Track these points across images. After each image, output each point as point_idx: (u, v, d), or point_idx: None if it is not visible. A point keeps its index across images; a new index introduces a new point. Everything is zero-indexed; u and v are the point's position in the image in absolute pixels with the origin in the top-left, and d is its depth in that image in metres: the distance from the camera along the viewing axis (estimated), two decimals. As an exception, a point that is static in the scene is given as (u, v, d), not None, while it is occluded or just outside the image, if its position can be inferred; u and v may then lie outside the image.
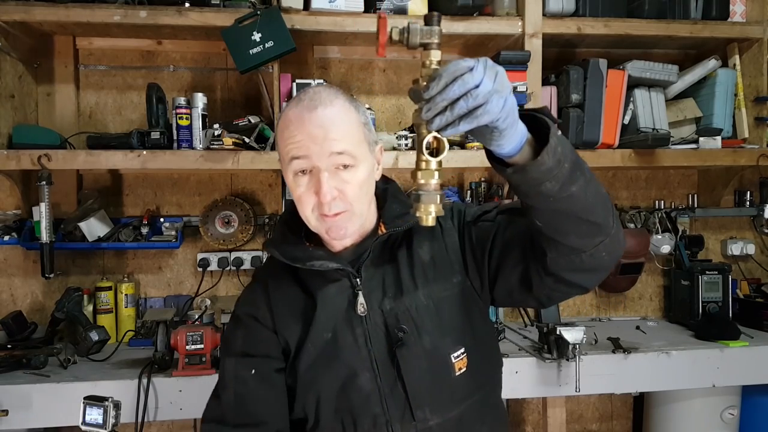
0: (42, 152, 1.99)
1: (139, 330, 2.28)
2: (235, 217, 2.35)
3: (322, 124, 1.00)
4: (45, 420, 1.82)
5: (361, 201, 1.05)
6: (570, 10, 2.23)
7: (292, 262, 1.08)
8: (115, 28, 2.12)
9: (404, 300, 1.08)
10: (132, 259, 2.40)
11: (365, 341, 1.07)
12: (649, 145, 2.23)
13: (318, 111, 1.01)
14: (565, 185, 0.85)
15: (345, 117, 1.04)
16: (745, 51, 2.43)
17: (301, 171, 1.02)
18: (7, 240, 2.21)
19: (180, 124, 2.09)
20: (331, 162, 1.01)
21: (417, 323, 1.07)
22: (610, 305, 2.70)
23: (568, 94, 2.21)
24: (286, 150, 1.03)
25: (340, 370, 1.06)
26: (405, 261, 1.11)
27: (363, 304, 1.07)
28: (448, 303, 1.10)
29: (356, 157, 1.03)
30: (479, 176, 2.57)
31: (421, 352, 1.06)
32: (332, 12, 2.09)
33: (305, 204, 1.04)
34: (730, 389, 2.29)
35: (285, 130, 1.04)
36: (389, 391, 1.06)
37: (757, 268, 2.76)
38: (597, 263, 0.96)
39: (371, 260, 1.09)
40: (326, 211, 1.01)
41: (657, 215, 2.61)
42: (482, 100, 0.76)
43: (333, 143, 1.00)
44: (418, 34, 0.85)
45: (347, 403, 1.06)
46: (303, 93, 1.06)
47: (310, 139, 1.00)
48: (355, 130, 1.04)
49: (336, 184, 1.01)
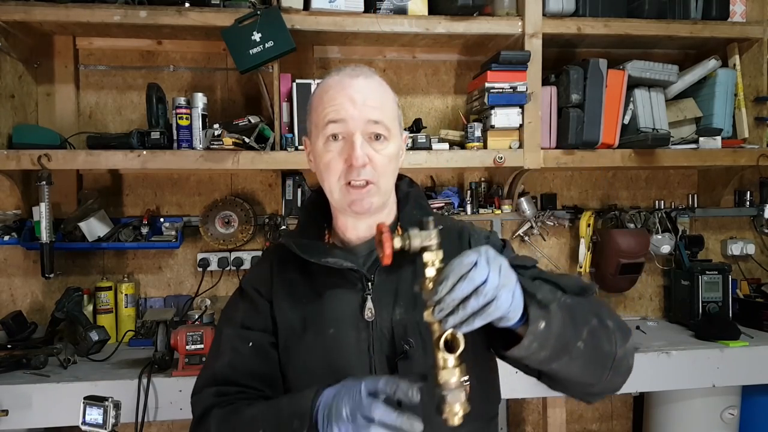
0: (42, 152, 1.99)
1: (139, 330, 2.28)
2: (235, 217, 2.35)
3: (362, 90, 1.02)
4: (45, 420, 1.82)
5: (388, 177, 1.05)
6: (570, 10, 2.23)
7: (307, 257, 1.05)
8: (115, 28, 2.11)
9: (416, 314, 1.01)
10: (132, 259, 2.40)
11: (368, 347, 1.04)
12: (649, 145, 2.24)
13: (360, 79, 1.04)
14: (543, 363, 0.89)
15: (384, 91, 1.06)
16: (745, 51, 2.43)
17: (334, 135, 1.02)
18: (7, 240, 2.21)
19: (180, 124, 2.09)
20: (366, 129, 1.01)
21: (425, 339, 1.02)
22: (610, 305, 2.70)
23: (568, 94, 2.21)
24: (323, 114, 1.03)
25: (338, 370, 1.02)
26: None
27: (371, 309, 1.04)
28: None
29: (390, 131, 1.04)
30: (479, 176, 2.57)
31: (424, 369, 0.99)
32: (332, 12, 2.09)
33: (333, 171, 1.02)
34: (730, 389, 2.29)
35: (324, 94, 1.04)
36: None
37: (757, 268, 2.76)
38: (605, 389, 1.00)
39: (386, 266, 1.04)
40: (354, 177, 1.00)
41: (657, 215, 2.61)
42: (491, 296, 0.79)
43: (371, 111, 1.01)
44: (418, 240, 0.87)
45: None
46: (342, 66, 1.08)
47: (350, 101, 1.01)
48: (391, 105, 1.07)
49: (367, 151, 1.01)
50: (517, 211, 2.48)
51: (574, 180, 2.67)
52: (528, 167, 2.22)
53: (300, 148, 2.12)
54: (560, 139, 2.27)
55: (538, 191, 2.62)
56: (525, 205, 2.47)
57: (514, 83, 2.17)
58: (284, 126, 2.15)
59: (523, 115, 2.20)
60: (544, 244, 2.62)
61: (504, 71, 2.17)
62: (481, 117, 2.31)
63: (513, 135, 2.23)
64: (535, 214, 2.52)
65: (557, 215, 2.59)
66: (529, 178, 2.52)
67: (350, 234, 1.10)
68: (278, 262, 1.12)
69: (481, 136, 2.24)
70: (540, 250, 2.61)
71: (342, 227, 1.10)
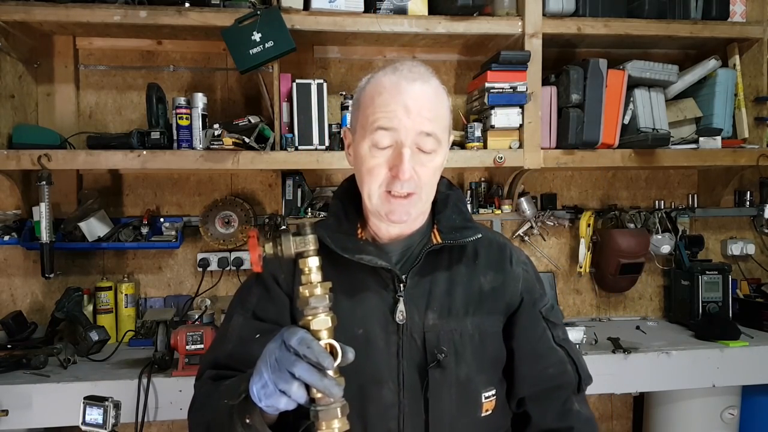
0: (42, 152, 1.99)
1: (139, 330, 2.28)
2: (235, 217, 2.35)
3: (418, 98, 0.96)
4: (45, 420, 1.82)
5: (431, 189, 1.02)
6: (570, 10, 2.23)
7: (342, 252, 1.00)
8: (115, 28, 2.11)
9: (450, 322, 1.02)
10: (132, 259, 2.40)
11: (397, 351, 1.00)
12: (649, 145, 2.23)
13: (417, 84, 0.97)
14: None
15: (440, 99, 1.00)
16: (745, 51, 2.43)
17: (378, 144, 0.97)
18: (7, 240, 2.21)
19: (180, 124, 2.09)
20: (417, 141, 0.96)
21: (458, 350, 1.01)
22: (610, 305, 2.70)
23: (568, 94, 2.21)
24: (373, 117, 0.97)
25: (364, 372, 0.98)
26: (463, 281, 1.06)
27: (402, 312, 1.00)
28: (492, 340, 1.06)
29: (440, 143, 0.99)
30: (479, 176, 2.57)
31: (455, 380, 1.01)
32: (332, 12, 2.09)
33: (375, 177, 0.98)
34: (730, 389, 2.29)
35: (377, 96, 0.97)
36: (410, 410, 0.99)
37: (757, 268, 2.76)
38: None
39: (420, 268, 1.03)
40: (398, 188, 0.96)
41: (657, 215, 2.61)
42: None
43: (425, 122, 0.96)
44: (292, 246, 0.83)
45: (362, 409, 0.98)
46: (399, 63, 1.00)
47: (405, 110, 0.95)
48: (445, 114, 1.01)
49: (414, 164, 0.96)
50: (517, 211, 2.48)
51: (574, 180, 2.67)
52: (528, 167, 2.22)
53: (300, 148, 2.13)
54: (560, 139, 2.27)
55: (538, 191, 2.62)
56: (525, 205, 2.47)
57: (514, 83, 2.17)
58: (284, 126, 2.15)
59: (523, 115, 2.20)
60: (544, 244, 2.62)
61: (504, 71, 2.17)
62: (481, 117, 2.31)
63: (513, 135, 2.23)
64: (535, 214, 2.52)
65: (557, 215, 2.59)
66: (529, 178, 2.52)
67: (382, 234, 1.06)
68: None
69: (481, 136, 2.24)
70: (540, 250, 2.61)
71: (374, 227, 1.07)
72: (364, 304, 1.02)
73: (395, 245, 1.06)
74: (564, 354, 1.11)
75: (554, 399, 1.10)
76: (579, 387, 1.13)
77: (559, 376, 1.10)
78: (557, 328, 1.12)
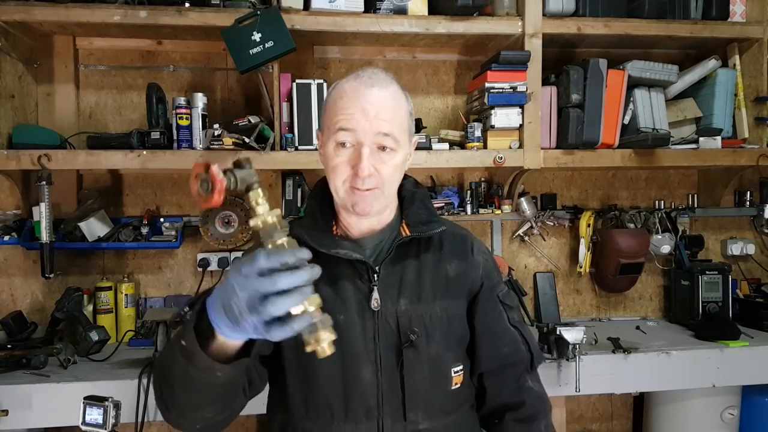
0: (42, 152, 1.99)
1: (139, 330, 2.28)
2: (235, 217, 2.35)
3: (375, 102, 1.05)
4: (45, 420, 1.82)
5: (392, 184, 1.11)
6: (570, 10, 2.23)
7: (319, 248, 1.08)
8: (115, 28, 2.11)
9: (421, 306, 1.12)
10: (132, 259, 2.40)
11: (374, 335, 1.10)
12: (649, 145, 2.23)
13: (375, 90, 1.07)
14: None
15: (397, 102, 1.10)
16: (745, 51, 2.43)
17: (343, 143, 1.06)
18: (7, 240, 2.21)
19: (180, 124, 2.09)
20: (375, 141, 1.06)
21: (428, 330, 1.11)
22: (610, 305, 2.70)
23: (568, 94, 2.21)
24: (335, 120, 1.07)
25: (345, 355, 1.07)
26: (430, 269, 1.16)
27: (377, 300, 1.10)
28: (458, 321, 1.17)
29: (398, 142, 1.08)
30: (479, 176, 2.57)
31: (426, 358, 1.11)
32: (332, 12, 2.09)
33: (339, 174, 1.07)
34: (730, 389, 2.29)
35: (339, 100, 1.08)
36: (387, 387, 1.09)
37: (757, 268, 2.76)
38: None
39: (391, 259, 1.12)
40: (359, 185, 1.05)
41: (657, 215, 2.61)
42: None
43: (382, 123, 1.05)
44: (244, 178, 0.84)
45: (343, 389, 1.08)
46: (361, 71, 1.11)
47: (363, 113, 1.05)
48: (402, 117, 1.10)
49: (374, 162, 1.06)
50: (517, 211, 2.48)
51: (574, 180, 2.67)
52: (528, 167, 2.22)
53: (300, 148, 2.13)
54: (560, 139, 2.27)
55: (538, 191, 2.62)
56: (525, 205, 2.47)
57: (514, 83, 2.17)
58: (284, 126, 2.15)
59: (523, 115, 2.20)
60: (544, 244, 2.62)
61: (504, 71, 2.17)
62: (481, 117, 2.31)
63: (513, 135, 2.23)
64: (535, 214, 2.52)
65: (557, 215, 2.59)
66: (529, 178, 2.52)
67: (353, 229, 1.15)
68: None
69: (481, 136, 2.24)
70: (540, 250, 2.61)
71: (345, 223, 1.16)
72: (343, 294, 1.11)
73: (368, 240, 1.15)
74: (518, 334, 1.23)
75: (509, 375, 1.22)
76: (532, 364, 1.25)
77: (513, 353, 1.22)
78: (512, 311, 1.24)
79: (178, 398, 0.95)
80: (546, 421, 1.24)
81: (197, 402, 0.95)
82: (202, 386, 0.92)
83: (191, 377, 0.90)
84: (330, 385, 1.08)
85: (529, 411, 1.22)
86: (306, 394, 1.10)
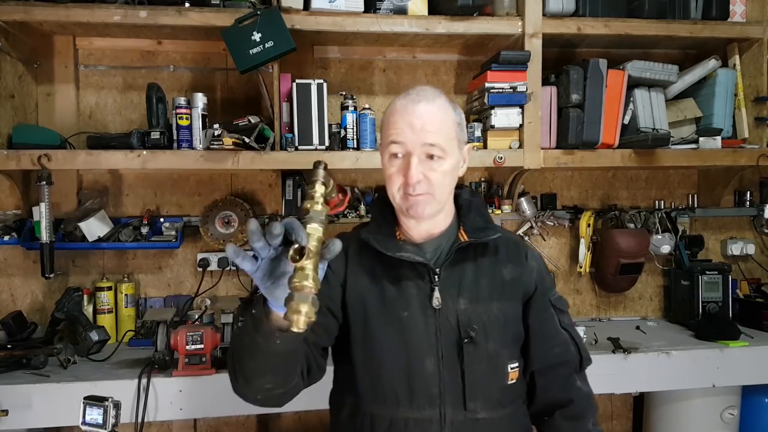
0: (42, 152, 1.99)
1: (139, 330, 2.28)
2: (235, 217, 2.35)
3: (421, 116, 1.16)
4: (45, 420, 1.82)
5: (443, 189, 1.19)
6: (570, 10, 2.23)
7: (385, 251, 1.20)
8: (115, 28, 2.12)
9: (479, 306, 1.21)
10: (132, 259, 2.40)
11: (435, 330, 1.19)
12: (649, 145, 2.24)
13: (420, 105, 1.18)
14: None
15: (442, 114, 1.19)
16: (745, 51, 2.43)
17: (395, 155, 1.18)
18: (7, 240, 2.21)
19: (180, 124, 2.09)
20: (422, 151, 1.16)
21: (487, 329, 1.20)
22: (610, 305, 2.70)
23: (568, 94, 2.21)
24: (388, 134, 1.19)
25: (409, 347, 1.18)
26: (487, 271, 1.25)
27: (438, 298, 1.20)
28: (513, 321, 1.26)
29: (445, 151, 1.17)
30: (479, 176, 2.57)
31: (485, 353, 1.20)
32: (332, 12, 2.09)
33: (394, 182, 1.19)
34: (730, 389, 2.29)
35: (390, 117, 1.20)
36: (449, 378, 1.18)
37: (757, 268, 2.76)
38: None
39: (450, 262, 1.22)
40: (411, 191, 1.16)
41: (657, 215, 2.61)
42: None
43: (428, 135, 1.15)
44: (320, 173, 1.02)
45: (408, 378, 1.18)
46: (412, 89, 1.23)
47: (410, 127, 1.16)
48: (448, 127, 1.19)
49: (423, 170, 1.16)
50: (517, 211, 2.48)
51: (574, 180, 2.67)
52: (528, 167, 2.22)
53: (300, 148, 2.13)
54: (560, 139, 2.27)
55: (538, 191, 2.62)
56: (525, 205, 2.47)
57: (514, 83, 2.17)
58: (284, 126, 2.15)
59: (523, 115, 2.20)
60: (544, 244, 2.62)
61: (504, 71, 2.17)
62: (481, 117, 2.31)
63: (513, 135, 2.23)
64: (535, 214, 2.52)
65: (557, 215, 2.59)
66: (529, 178, 2.52)
67: (413, 233, 1.25)
68: (356, 251, 1.26)
69: (481, 136, 2.24)
70: (540, 250, 2.61)
71: (405, 227, 1.26)
72: (406, 293, 1.21)
73: (428, 244, 1.25)
74: (568, 336, 1.30)
75: (559, 374, 1.30)
76: (581, 365, 1.32)
77: (563, 354, 1.29)
78: (563, 314, 1.32)
79: (245, 366, 1.05)
80: (593, 419, 1.31)
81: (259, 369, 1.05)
82: (265, 353, 1.00)
83: (256, 344, 0.99)
84: (396, 374, 1.18)
85: (577, 409, 1.30)
86: (374, 381, 1.20)
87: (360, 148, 2.19)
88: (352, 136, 2.19)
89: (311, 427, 2.53)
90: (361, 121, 2.19)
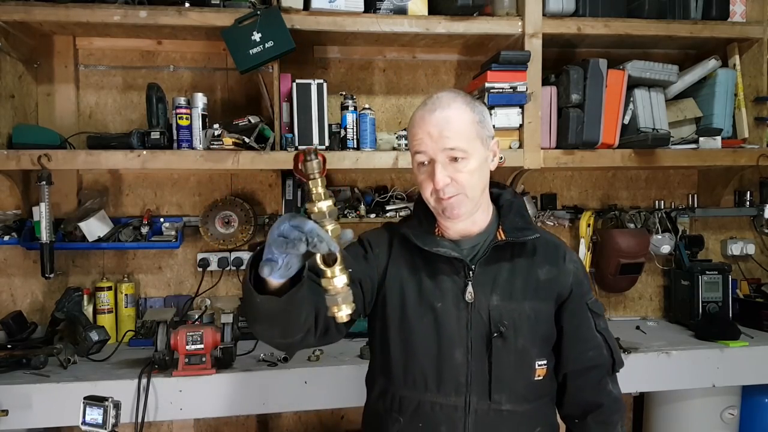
0: (42, 152, 1.99)
1: (139, 330, 2.28)
2: (235, 217, 2.35)
3: (437, 123, 1.20)
4: (45, 420, 1.82)
5: (474, 187, 1.22)
6: (570, 10, 2.23)
7: (423, 246, 1.26)
8: (115, 28, 2.12)
9: (511, 303, 1.25)
10: (132, 259, 2.40)
11: (467, 323, 1.24)
12: (649, 145, 2.23)
13: (436, 113, 1.21)
14: None
15: (459, 117, 1.21)
16: (745, 51, 2.43)
17: (422, 163, 1.23)
18: (7, 240, 2.21)
19: (180, 124, 2.09)
20: (444, 155, 1.20)
21: (517, 326, 1.24)
22: (610, 305, 2.70)
23: (568, 94, 2.21)
24: (411, 144, 1.25)
25: (441, 337, 1.24)
26: (522, 271, 1.28)
27: (471, 293, 1.24)
28: (545, 321, 1.29)
29: (467, 151, 1.20)
30: (479, 176, 2.57)
31: (513, 348, 1.24)
32: (332, 12, 2.09)
33: (425, 188, 1.24)
34: (730, 389, 2.29)
35: (411, 128, 1.26)
36: (476, 369, 1.23)
37: (757, 268, 2.76)
38: None
39: (486, 259, 1.26)
40: (441, 195, 1.20)
41: (657, 215, 2.61)
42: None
43: (446, 140, 1.19)
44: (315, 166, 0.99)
45: (437, 365, 1.24)
46: (428, 98, 1.27)
47: (428, 136, 1.20)
48: (467, 128, 1.22)
49: (449, 173, 1.20)
50: (517, 211, 2.48)
51: (574, 180, 2.67)
52: (528, 167, 2.22)
53: (300, 147, 2.13)
54: (560, 139, 2.27)
55: (538, 191, 2.62)
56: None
57: (514, 83, 2.17)
58: (284, 126, 2.15)
59: (523, 115, 2.20)
60: (544, 244, 2.61)
61: (504, 71, 2.17)
62: (481, 117, 2.31)
63: (513, 135, 2.23)
64: (535, 214, 2.52)
65: (557, 215, 2.59)
66: (529, 178, 2.52)
67: (450, 232, 1.30)
68: (399, 243, 1.32)
69: (481, 136, 2.24)
70: (540, 250, 2.61)
71: (442, 226, 1.30)
72: (441, 286, 1.26)
73: (466, 241, 1.29)
74: (602, 340, 1.34)
75: (591, 377, 1.33)
76: (613, 369, 1.36)
77: (597, 357, 1.33)
78: (599, 318, 1.36)
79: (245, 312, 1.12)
80: (622, 422, 1.36)
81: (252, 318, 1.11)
82: (262, 312, 1.06)
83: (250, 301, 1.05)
84: (426, 360, 1.24)
85: (608, 412, 1.33)
86: (406, 365, 1.25)
87: (360, 148, 2.19)
88: (352, 136, 2.19)
89: (311, 427, 2.53)
90: (361, 121, 2.19)
